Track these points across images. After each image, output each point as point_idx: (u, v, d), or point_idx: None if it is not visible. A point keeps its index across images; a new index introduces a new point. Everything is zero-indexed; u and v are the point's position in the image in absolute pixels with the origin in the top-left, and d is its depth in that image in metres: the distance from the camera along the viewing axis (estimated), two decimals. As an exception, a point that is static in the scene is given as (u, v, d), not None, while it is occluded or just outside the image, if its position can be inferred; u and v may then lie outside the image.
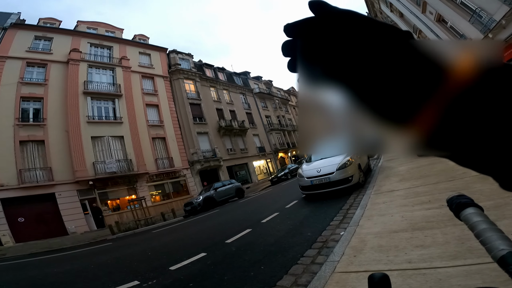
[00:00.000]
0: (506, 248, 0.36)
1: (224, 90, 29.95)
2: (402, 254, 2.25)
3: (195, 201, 13.80)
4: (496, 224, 0.41)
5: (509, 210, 2.38)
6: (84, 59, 18.65)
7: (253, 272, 3.01)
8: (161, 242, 7.13)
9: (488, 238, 0.39)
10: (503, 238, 0.38)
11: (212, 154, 23.35)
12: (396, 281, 1.87)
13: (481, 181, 3.51)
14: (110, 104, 18.78)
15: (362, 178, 6.73)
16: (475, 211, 0.44)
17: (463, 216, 0.45)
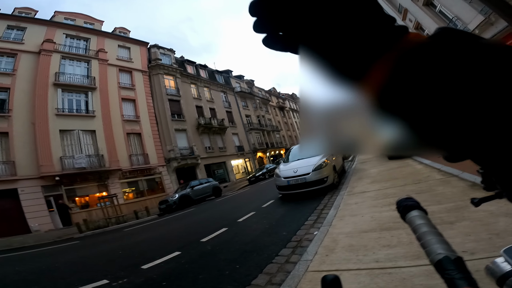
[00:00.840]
0: (443, 253, 0.36)
1: (205, 87, 29.59)
2: (370, 253, 2.36)
3: (170, 199, 13.51)
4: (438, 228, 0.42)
5: (469, 212, 2.57)
6: (58, 50, 17.71)
7: (228, 271, 3.02)
8: (133, 241, 6.91)
9: (427, 241, 0.39)
10: (441, 242, 0.38)
11: (189, 152, 22.96)
12: (365, 280, 1.96)
13: (444, 184, 3.79)
14: (83, 97, 17.96)
15: (336, 179, 6.97)
16: (418, 214, 0.45)
17: (407, 218, 0.46)
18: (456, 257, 0.35)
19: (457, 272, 0.33)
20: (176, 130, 22.81)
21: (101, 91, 18.54)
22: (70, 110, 17.03)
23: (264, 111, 39.42)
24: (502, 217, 2.28)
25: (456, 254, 0.36)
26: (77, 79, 17.93)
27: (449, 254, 0.36)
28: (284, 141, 43.00)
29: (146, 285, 3.22)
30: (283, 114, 48.86)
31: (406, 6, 15.21)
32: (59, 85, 16.82)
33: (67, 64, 18.03)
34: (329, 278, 0.39)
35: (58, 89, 16.75)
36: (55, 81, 16.66)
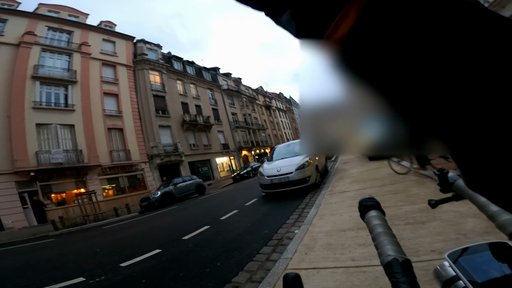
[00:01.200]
0: (392, 254, 0.36)
1: (192, 84, 29.24)
2: (347, 252, 2.45)
3: (152, 197, 13.27)
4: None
5: (439, 213, 2.71)
6: (38, 42, 17.02)
7: (209, 269, 3.04)
8: (112, 239, 6.77)
9: (380, 242, 0.39)
10: (393, 243, 0.39)
11: (173, 149, 22.62)
12: (341, 278, 2.03)
13: (418, 185, 3.97)
14: (62, 90, 17.33)
15: (318, 179, 7.12)
16: (376, 215, 0.45)
17: (366, 218, 0.46)
18: (404, 260, 0.36)
19: (402, 275, 0.33)
20: (160, 126, 22.41)
21: (82, 85, 17.95)
22: (48, 103, 16.38)
23: (250, 109, 39.45)
24: (471, 217, 2.39)
25: (404, 257, 0.36)
26: (57, 72, 17.29)
27: (398, 256, 0.36)
28: (270, 140, 43.26)
29: (125, 283, 3.18)
30: (270, 113, 49.10)
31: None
32: (38, 78, 16.20)
33: (47, 57, 17.39)
34: (290, 276, 0.41)
35: (36, 82, 16.12)
36: (34, 74, 16.01)
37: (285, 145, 9.03)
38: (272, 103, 52.22)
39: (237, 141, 32.68)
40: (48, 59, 17.42)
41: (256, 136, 37.72)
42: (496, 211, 0.38)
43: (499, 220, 0.37)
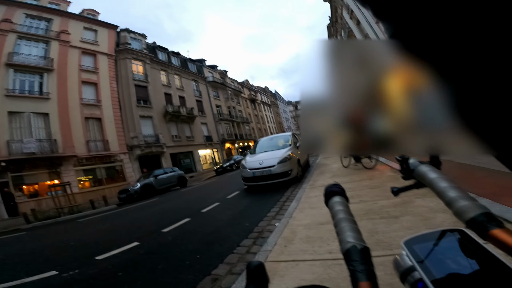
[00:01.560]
0: (351, 242, 0.36)
1: (176, 75, 28.66)
2: (325, 245, 2.50)
3: (131, 188, 12.95)
4: (353, 215, 0.41)
5: (412, 207, 2.84)
6: (15, 30, 16.23)
7: (188, 261, 3.02)
8: (87, 231, 6.58)
9: (341, 229, 0.39)
10: (353, 230, 0.38)
11: (155, 140, 22.12)
12: (318, 270, 2.06)
13: (394, 181, 4.13)
14: (37, 78, 16.62)
15: (300, 173, 7.23)
16: (340, 201, 0.45)
17: (329, 203, 0.46)
18: (363, 247, 0.35)
19: (360, 263, 0.33)
20: (141, 117, 21.82)
21: (58, 73, 17.25)
22: (22, 91, 15.67)
23: (235, 102, 39.21)
24: (440, 213, 2.48)
25: (363, 244, 0.36)
26: (33, 60, 16.57)
27: (357, 243, 0.36)
28: (254, 133, 43.31)
29: (100, 276, 3.10)
30: (254, 106, 49.01)
31: None
32: (11, 65, 15.51)
33: (23, 45, 16.72)
34: (254, 265, 0.40)
35: (10, 69, 15.43)
36: (8, 61, 15.31)
37: (268, 138, 9.07)
38: (257, 96, 52.10)
39: (221, 134, 32.46)
40: (24, 46, 16.77)
41: (240, 129, 37.62)
42: (453, 197, 0.37)
43: (456, 207, 0.36)
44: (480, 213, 0.33)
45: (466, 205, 0.35)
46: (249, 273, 0.40)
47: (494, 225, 0.30)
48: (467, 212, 0.34)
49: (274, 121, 60.87)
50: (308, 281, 1.95)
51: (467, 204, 0.35)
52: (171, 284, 2.53)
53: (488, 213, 0.32)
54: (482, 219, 0.32)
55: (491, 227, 0.30)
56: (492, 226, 0.30)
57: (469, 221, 0.33)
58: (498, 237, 0.29)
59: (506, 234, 0.28)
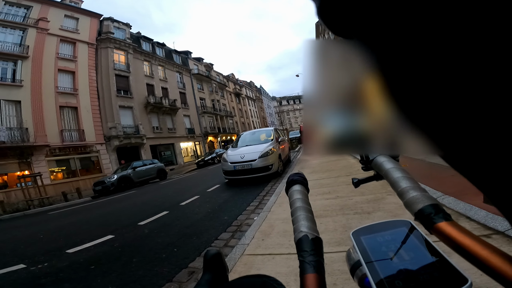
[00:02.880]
0: (304, 231, 0.35)
1: (160, 66, 27.96)
2: None
3: (108, 180, 12.53)
4: (310, 205, 0.41)
5: (383, 204, 2.95)
6: None
7: (165, 254, 2.99)
8: (58, 224, 6.32)
9: (296, 218, 0.38)
10: (307, 219, 0.37)
11: (134, 131, 21.48)
12: (293, 264, 2.08)
13: (370, 178, 4.28)
14: (10, 65, 15.84)
15: (281, 167, 7.31)
16: (299, 189, 0.44)
17: (289, 192, 0.45)
18: (314, 237, 0.35)
19: (309, 255, 0.33)
20: (121, 107, 21.11)
21: (34, 61, 16.46)
22: (-7, 78, 14.71)
23: (219, 95, 38.82)
24: None
25: (315, 235, 0.35)
26: (7, 47, 15.78)
27: (309, 233, 0.35)
28: (237, 127, 43.16)
29: (71, 269, 3.00)
30: (239, 100, 48.74)
31: None
32: None
33: None
34: (211, 254, 0.40)
35: None
36: None
37: (250, 133, 9.07)
38: (242, 91, 51.81)
39: (204, 127, 32.09)
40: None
41: (223, 122, 37.35)
42: (404, 188, 0.36)
43: (406, 198, 0.35)
44: (428, 204, 0.31)
45: (415, 196, 0.33)
46: (206, 262, 0.40)
47: (441, 218, 0.29)
48: (416, 204, 0.32)
49: (258, 115, 60.92)
50: (283, 274, 1.98)
51: (416, 195, 0.33)
52: (147, 277, 2.50)
53: (435, 205, 0.31)
54: (429, 211, 0.31)
55: (437, 219, 0.29)
56: (439, 219, 0.29)
57: (417, 213, 0.32)
58: (443, 231, 0.28)
59: (451, 227, 0.28)
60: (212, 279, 0.38)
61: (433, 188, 2.91)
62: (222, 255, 0.40)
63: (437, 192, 2.78)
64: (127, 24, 24.41)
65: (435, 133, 0.15)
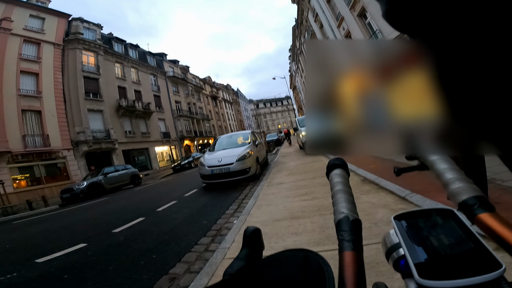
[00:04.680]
0: (344, 212, 0.37)
1: (133, 68, 27.07)
2: (281, 241, 2.60)
3: (76, 188, 11.84)
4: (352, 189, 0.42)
5: (359, 203, 2.81)
6: None
7: (143, 262, 2.91)
8: (24, 234, 5.92)
9: (336, 200, 0.40)
10: (348, 201, 0.38)
11: (105, 135, 20.53)
12: None
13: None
14: None
15: (259, 170, 7.39)
16: (339, 173, 0.45)
17: (330, 175, 0.46)
18: (355, 219, 0.36)
19: (349, 234, 0.34)
20: (89, 111, 20.12)
21: None
22: None
23: (196, 98, 38.30)
24: (380, 208, 2.74)
25: (356, 216, 0.36)
26: None
27: (349, 214, 0.36)
28: (214, 131, 42.77)
29: (43, 279, 2.85)
30: (216, 103, 48.38)
31: (344, 15, 17.09)
32: None
33: None
34: (250, 230, 0.42)
35: None
36: None
37: (227, 136, 9.08)
38: (219, 94, 51.51)
39: (180, 130, 31.43)
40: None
41: (200, 126, 36.84)
42: (449, 178, 0.36)
43: (450, 189, 0.35)
44: (472, 196, 0.32)
45: (460, 187, 0.34)
46: (245, 238, 0.43)
47: (484, 209, 0.30)
48: (460, 194, 0.33)
49: (235, 119, 60.81)
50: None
51: (461, 186, 0.34)
52: (125, 285, 2.43)
53: (480, 197, 0.32)
54: (473, 202, 0.31)
55: (480, 211, 0.30)
56: (481, 210, 0.30)
57: (460, 203, 0.33)
58: (485, 222, 0.29)
59: (494, 219, 0.28)
60: (249, 253, 0.41)
61: (402, 187, 3.12)
62: (261, 232, 0.43)
63: (406, 190, 2.98)
64: (98, 25, 23.44)
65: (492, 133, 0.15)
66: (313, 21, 24.16)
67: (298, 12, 28.85)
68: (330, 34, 20.24)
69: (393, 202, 2.85)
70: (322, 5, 19.91)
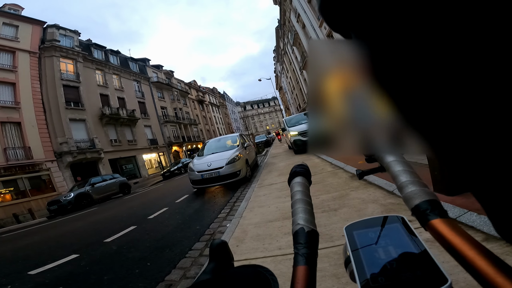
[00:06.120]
0: (300, 224, 0.35)
1: (115, 75, 26.44)
2: (274, 241, 2.62)
3: (63, 199, 11.54)
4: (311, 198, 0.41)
5: (348, 200, 3.15)
6: None
7: (138, 270, 2.89)
8: (14, 247, 5.82)
9: (295, 210, 0.38)
10: (305, 212, 0.37)
11: (89, 145, 20.02)
12: (270, 266, 2.14)
13: (333, 176, 4.58)
14: None
15: (249, 172, 7.42)
16: (300, 181, 0.43)
17: (291, 183, 0.44)
18: (310, 230, 0.35)
19: (303, 247, 0.33)
20: (71, 120, 19.56)
21: None
22: None
23: (182, 103, 37.93)
24: (370, 203, 2.81)
25: (311, 227, 0.35)
26: None
27: (305, 226, 0.35)
28: (202, 135, 42.45)
29: (37, 292, 2.79)
30: (202, 107, 48.06)
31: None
32: None
33: None
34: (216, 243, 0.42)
35: None
36: None
37: (216, 140, 9.07)
38: (206, 97, 51.21)
39: (167, 136, 31.03)
40: None
41: (187, 131, 36.50)
42: (404, 181, 0.34)
43: (404, 192, 0.33)
44: (425, 200, 0.31)
45: (413, 191, 0.32)
46: (211, 251, 0.42)
47: (436, 215, 0.29)
48: (413, 199, 0.32)
49: (223, 122, 60.62)
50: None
51: (415, 190, 0.32)
52: (120, 296, 2.41)
53: (433, 201, 0.31)
54: (425, 207, 0.30)
55: (433, 216, 0.29)
56: (434, 216, 0.29)
57: (413, 208, 0.31)
58: (437, 228, 0.27)
59: (445, 225, 0.27)
60: (216, 267, 0.41)
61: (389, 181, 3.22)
62: (227, 245, 0.42)
63: (393, 185, 3.06)
64: (75, 31, 22.82)
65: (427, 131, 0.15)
66: (295, 22, 24.45)
67: (280, 13, 29.07)
68: (312, 34, 20.58)
69: (382, 197, 2.93)
70: (304, 6, 20.19)
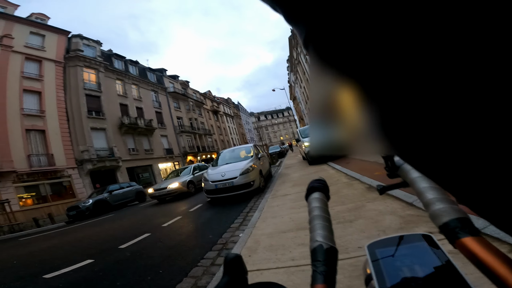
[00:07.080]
0: (319, 241, 0.35)
1: (134, 85, 27.39)
2: (287, 252, 2.56)
3: (82, 205, 11.90)
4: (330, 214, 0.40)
5: (364, 211, 3.07)
6: None
7: (150, 277, 2.90)
8: (31, 250, 5.98)
9: (313, 226, 0.39)
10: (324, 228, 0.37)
11: (108, 153, 20.68)
12: (282, 277, 2.09)
13: (348, 187, 4.48)
14: None
15: (262, 183, 7.38)
16: (318, 197, 0.43)
17: (309, 199, 0.44)
18: (329, 247, 0.34)
19: (322, 265, 0.32)
20: (92, 129, 20.32)
21: None
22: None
23: (197, 113, 38.67)
24: (388, 215, 2.71)
25: (330, 244, 0.35)
26: None
27: (323, 243, 0.34)
28: (216, 145, 42.91)
29: (50, 297, 2.84)
30: (217, 118, 48.80)
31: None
32: None
33: None
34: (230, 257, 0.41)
35: None
36: None
37: (230, 150, 9.12)
38: (220, 108, 52.07)
39: (182, 146, 31.58)
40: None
41: (202, 141, 37.02)
42: (431, 199, 0.33)
43: (431, 209, 0.32)
44: (455, 218, 0.29)
45: (442, 208, 0.31)
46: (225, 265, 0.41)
47: (467, 233, 0.27)
48: (441, 216, 0.31)
49: (237, 132, 61.15)
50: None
51: (443, 207, 0.31)
52: (132, 302, 2.42)
53: (463, 219, 0.29)
54: (455, 225, 0.29)
55: (463, 234, 0.27)
56: (464, 234, 0.27)
57: (441, 226, 0.30)
58: (468, 246, 0.26)
59: (477, 243, 0.26)
60: (230, 281, 0.40)
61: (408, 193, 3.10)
62: (242, 259, 0.41)
63: (413, 196, 2.91)
64: (98, 41, 23.87)
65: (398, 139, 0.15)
66: (304, 61, 24.45)
67: (290, 53, 29.07)
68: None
69: (400, 208, 2.82)
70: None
